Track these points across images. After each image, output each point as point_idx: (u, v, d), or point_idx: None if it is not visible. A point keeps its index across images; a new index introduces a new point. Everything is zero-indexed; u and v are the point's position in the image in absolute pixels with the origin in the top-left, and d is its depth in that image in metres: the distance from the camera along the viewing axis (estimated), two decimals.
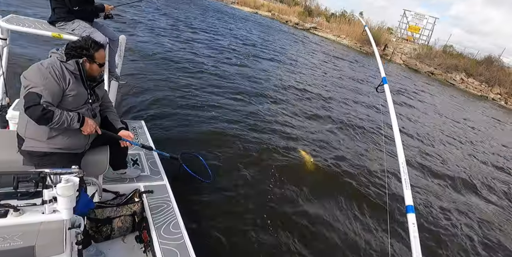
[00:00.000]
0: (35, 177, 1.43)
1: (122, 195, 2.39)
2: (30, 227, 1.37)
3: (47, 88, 1.75)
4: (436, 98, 16.33)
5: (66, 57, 1.90)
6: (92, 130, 1.96)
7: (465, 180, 6.39)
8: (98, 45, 1.99)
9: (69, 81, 1.86)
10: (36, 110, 1.70)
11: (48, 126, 1.80)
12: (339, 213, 3.83)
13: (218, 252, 2.62)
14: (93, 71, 2.00)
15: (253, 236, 2.98)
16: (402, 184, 1.75)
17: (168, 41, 10.49)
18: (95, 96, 2.11)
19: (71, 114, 1.84)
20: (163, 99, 5.48)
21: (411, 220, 1.57)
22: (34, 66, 1.82)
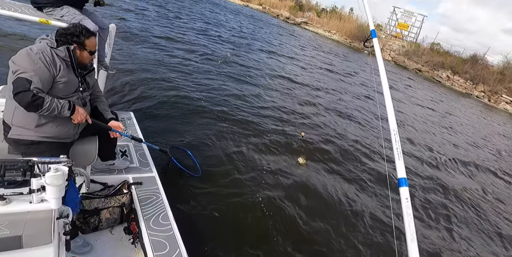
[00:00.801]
0: (23, 165, 1.40)
1: (110, 186, 2.36)
2: (17, 216, 1.35)
3: (37, 74, 1.69)
4: (420, 91, 16.79)
5: (57, 44, 1.85)
6: (82, 119, 1.92)
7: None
8: (89, 32, 1.94)
9: (60, 67, 1.81)
10: (26, 96, 1.64)
11: (38, 113, 1.75)
12: (336, 197, 3.94)
13: (208, 244, 2.64)
14: (84, 59, 1.95)
15: (242, 229, 3.02)
16: (394, 155, 1.60)
17: (159, 29, 10.33)
18: (86, 85, 2.06)
19: (62, 101, 1.79)
20: (153, 90, 5.40)
21: (404, 194, 1.48)
22: (23, 51, 1.75)
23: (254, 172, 3.95)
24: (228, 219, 3.05)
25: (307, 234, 3.23)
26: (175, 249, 1.85)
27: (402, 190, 1.48)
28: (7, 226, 1.33)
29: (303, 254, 2.94)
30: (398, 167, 1.56)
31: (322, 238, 3.24)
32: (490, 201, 5.90)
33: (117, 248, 2.08)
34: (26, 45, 1.84)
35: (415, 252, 1.33)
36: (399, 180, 1.52)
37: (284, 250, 2.91)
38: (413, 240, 1.36)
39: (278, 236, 3.06)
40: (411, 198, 1.54)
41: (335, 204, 3.88)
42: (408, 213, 1.43)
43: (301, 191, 3.92)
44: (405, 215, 1.43)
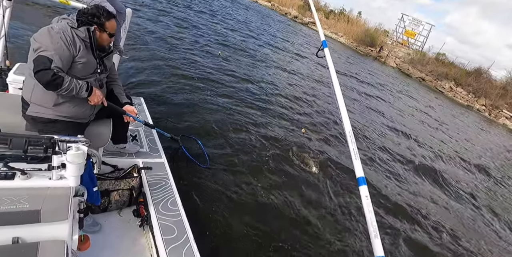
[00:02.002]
0: (46, 142, 1.42)
1: (120, 169, 2.39)
2: (37, 191, 1.37)
3: (58, 53, 1.70)
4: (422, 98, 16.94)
5: (77, 24, 1.85)
6: (98, 101, 1.94)
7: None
8: (110, 15, 1.93)
9: (79, 48, 1.81)
10: (46, 74, 1.65)
11: (56, 92, 1.76)
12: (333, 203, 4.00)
13: (213, 231, 2.70)
14: (103, 41, 1.95)
15: (246, 217, 3.10)
16: (351, 155, 1.62)
17: (171, 20, 10.31)
18: (103, 67, 2.06)
19: (80, 82, 1.81)
20: (164, 77, 5.43)
21: (364, 192, 1.49)
22: (45, 29, 1.75)
23: (259, 164, 4.03)
24: (233, 208, 3.12)
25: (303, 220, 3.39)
26: (183, 234, 1.88)
27: (361, 189, 1.50)
28: (26, 200, 1.35)
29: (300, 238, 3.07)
30: (356, 166, 1.59)
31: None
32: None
33: (125, 230, 2.11)
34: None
35: (379, 248, 1.34)
36: (358, 179, 1.55)
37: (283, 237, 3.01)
38: (376, 237, 1.37)
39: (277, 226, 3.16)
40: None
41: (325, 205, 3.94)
42: (369, 210, 1.43)
43: (300, 187, 3.99)
44: (367, 212, 1.44)
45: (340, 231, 3.51)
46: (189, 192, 2.97)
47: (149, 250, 2.00)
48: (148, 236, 2.07)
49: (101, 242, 1.94)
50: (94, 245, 1.80)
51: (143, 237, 2.08)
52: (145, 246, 2.03)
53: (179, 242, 1.81)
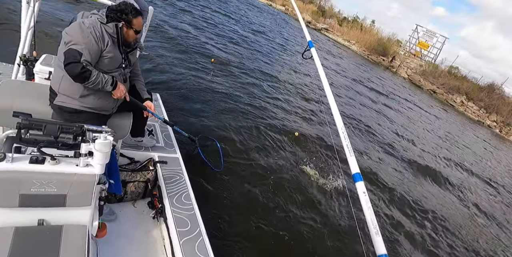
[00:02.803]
0: (77, 130, 1.49)
1: (137, 161, 2.45)
2: (65, 176, 1.43)
3: (88, 47, 1.77)
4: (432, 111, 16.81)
5: (106, 19, 1.92)
6: (121, 95, 2.01)
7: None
8: (137, 12, 2.00)
9: (107, 43, 1.88)
10: (76, 67, 1.72)
11: (83, 85, 1.83)
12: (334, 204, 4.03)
13: (223, 228, 2.76)
14: (129, 37, 2.02)
15: (254, 217, 3.17)
16: (345, 151, 1.58)
17: (189, 18, 10.53)
18: (128, 62, 2.14)
19: (106, 76, 1.87)
20: (181, 74, 5.53)
21: (361, 189, 1.44)
22: (76, 24, 1.83)
23: (273, 168, 4.09)
24: (244, 209, 3.19)
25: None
26: (196, 228, 1.93)
27: (358, 185, 1.46)
28: (55, 184, 1.41)
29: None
30: (351, 163, 1.55)
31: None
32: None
33: (139, 221, 2.16)
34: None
35: (381, 246, 1.30)
36: (354, 175, 1.50)
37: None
38: (377, 234, 1.33)
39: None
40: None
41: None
42: (368, 207, 1.39)
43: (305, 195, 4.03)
44: (366, 209, 1.39)
45: (341, 231, 3.57)
46: (201, 188, 3.03)
47: (161, 241, 2.05)
48: (161, 228, 2.12)
49: (116, 231, 1.99)
50: (110, 234, 1.85)
51: (156, 229, 2.13)
52: (158, 237, 2.08)
53: (192, 235, 1.86)
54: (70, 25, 1.87)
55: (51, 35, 4.60)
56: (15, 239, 1.33)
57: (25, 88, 2.21)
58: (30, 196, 1.37)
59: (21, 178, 1.34)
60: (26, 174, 1.35)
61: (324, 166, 4.83)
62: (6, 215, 1.38)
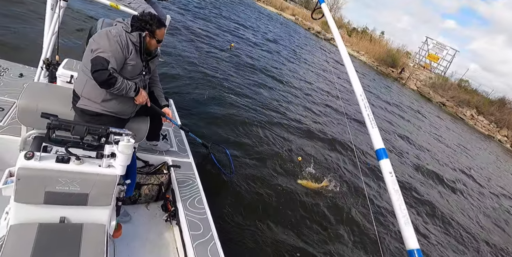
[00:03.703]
0: (102, 132, 1.56)
1: (151, 165, 2.51)
2: (88, 176, 1.49)
3: (114, 55, 1.86)
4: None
5: (131, 28, 2.02)
6: (143, 100, 2.09)
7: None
8: (161, 23, 2.09)
9: (131, 51, 1.98)
10: (103, 74, 1.81)
11: (109, 91, 1.91)
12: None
13: (234, 233, 2.78)
14: (151, 46, 2.11)
15: (266, 227, 3.22)
16: (366, 123, 1.32)
17: (201, 27, 10.77)
18: (148, 69, 2.23)
19: (130, 83, 1.96)
20: (194, 81, 5.66)
21: (386, 168, 1.19)
22: (103, 32, 1.93)
23: (284, 177, 4.12)
24: (254, 215, 3.24)
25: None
26: (208, 231, 1.96)
27: (382, 164, 1.20)
28: (78, 183, 1.47)
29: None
30: (374, 136, 1.28)
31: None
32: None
33: (152, 223, 2.21)
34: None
35: (412, 238, 1.07)
36: (377, 152, 1.24)
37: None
38: (407, 223, 1.10)
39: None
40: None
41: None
42: (395, 190, 1.15)
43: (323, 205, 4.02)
44: (392, 193, 1.15)
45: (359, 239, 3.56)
46: (213, 194, 3.07)
47: (173, 244, 2.08)
48: (173, 231, 2.16)
49: (131, 232, 2.04)
50: (124, 234, 1.90)
51: (169, 231, 2.17)
52: (170, 240, 2.11)
53: (205, 239, 1.89)
54: (98, 33, 1.96)
55: (71, 41, 4.79)
56: (38, 235, 1.38)
57: (49, 91, 2.30)
58: (55, 193, 1.43)
59: (47, 176, 1.40)
60: (53, 173, 1.42)
61: (339, 170, 4.86)
62: (31, 211, 1.44)
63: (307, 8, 46.49)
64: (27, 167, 1.37)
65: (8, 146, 2.13)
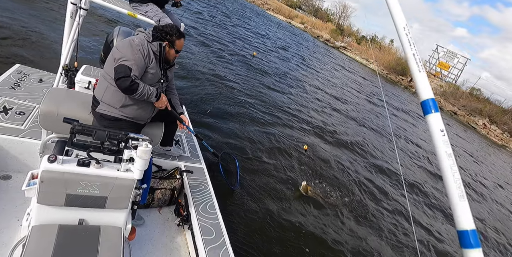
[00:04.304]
0: (122, 137, 1.61)
1: (164, 170, 2.55)
2: (107, 180, 1.53)
3: (136, 63, 1.94)
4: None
5: (152, 38, 2.10)
6: (163, 105, 2.17)
7: None
8: (181, 34, 2.17)
9: (152, 60, 2.06)
10: (126, 81, 1.89)
11: (132, 96, 1.98)
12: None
13: (245, 240, 2.79)
14: (170, 56, 2.19)
15: (272, 232, 3.21)
16: (412, 67, 1.04)
17: (215, 34, 11.04)
18: (166, 77, 2.30)
19: (152, 88, 2.03)
20: (207, 87, 5.74)
21: (436, 124, 0.91)
22: (127, 41, 2.01)
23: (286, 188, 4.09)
24: (265, 223, 3.27)
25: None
26: (220, 237, 1.98)
27: (432, 119, 0.95)
28: (98, 187, 1.52)
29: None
30: (420, 83, 1.00)
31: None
32: None
33: (164, 227, 2.23)
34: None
35: (467, 215, 0.86)
36: (424, 104, 0.98)
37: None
38: (462, 197, 0.89)
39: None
40: None
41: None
42: (447, 154, 0.91)
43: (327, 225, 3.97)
44: (443, 157, 0.90)
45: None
46: (223, 200, 3.10)
47: (185, 248, 2.10)
48: (185, 235, 2.18)
49: (144, 236, 2.07)
50: (138, 237, 1.93)
51: (181, 235, 2.19)
52: (182, 244, 2.13)
53: (217, 244, 1.91)
54: (122, 42, 2.04)
55: (87, 48, 4.97)
56: (59, 236, 1.43)
57: (69, 96, 2.38)
58: (75, 196, 1.48)
59: (69, 179, 1.45)
60: (74, 176, 1.47)
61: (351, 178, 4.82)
62: (52, 213, 1.49)
63: (316, 16, 46.88)
64: (51, 170, 1.42)
65: (29, 149, 2.21)
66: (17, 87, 2.79)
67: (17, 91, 2.72)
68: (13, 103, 2.50)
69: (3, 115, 2.32)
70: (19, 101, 2.57)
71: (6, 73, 2.95)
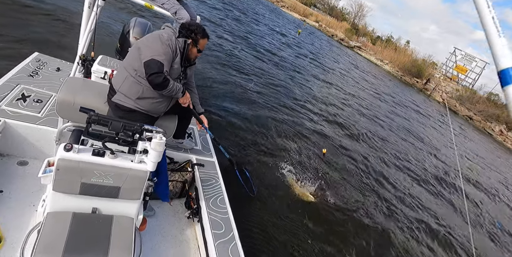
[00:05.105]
0: (137, 128, 1.61)
1: (176, 162, 2.56)
2: (121, 170, 1.54)
3: (167, 58, 1.95)
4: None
5: (178, 34, 2.09)
6: (188, 101, 2.20)
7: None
8: (205, 34, 2.16)
9: (177, 55, 2.06)
10: (159, 77, 1.89)
11: (160, 92, 1.99)
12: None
13: (255, 236, 2.79)
14: (192, 54, 2.18)
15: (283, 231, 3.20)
16: (488, 31, 0.81)
17: (228, 32, 10.92)
18: (184, 75, 2.30)
19: (179, 85, 2.05)
20: (222, 88, 5.68)
21: None
22: (156, 36, 2.00)
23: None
24: (277, 227, 3.26)
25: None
26: (230, 231, 1.98)
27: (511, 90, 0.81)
28: (112, 177, 1.52)
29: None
30: (497, 50, 0.83)
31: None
32: None
33: (175, 219, 2.25)
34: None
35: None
36: (503, 73, 0.82)
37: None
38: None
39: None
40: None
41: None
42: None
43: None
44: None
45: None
46: (233, 196, 3.10)
47: (194, 241, 2.11)
48: (195, 228, 2.19)
49: (154, 227, 2.09)
50: (148, 228, 1.94)
51: (190, 228, 2.20)
52: (191, 236, 2.14)
53: (226, 238, 1.90)
54: (151, 36, 2.03)
55: (103, 38, 5.01)
56: (73, 223, 1.45)
57: (85, 86, 2.40)
58: (90, 185, 1.49)
59: (84, 168, 1.47)
60: (89, 165, 1.48)
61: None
62: (67, 201, 1.51)
63: (331, 15, 46.23)
64: (67, 158, 1.43)
65: (45, 136, 2.25)
66: (35, 75, 2.84)
67: (35, 79, 2.76)
68: (31, 91, 2.54)
69: (22, 102, 2.36)
70: (37, 89, 2.61)
71: (25, 61, 3.00)
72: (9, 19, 4.68)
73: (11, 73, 2.68)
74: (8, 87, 2.45)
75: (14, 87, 2.49)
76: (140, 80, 1.97)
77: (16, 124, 2.15)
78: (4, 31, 4.31)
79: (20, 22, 4.78)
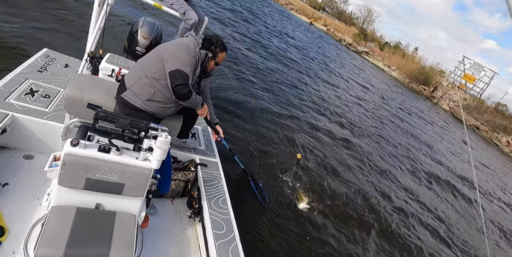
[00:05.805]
0: (143, 126, 1.63)
1: (179, 161, 2.57)
2: (126, 167, 1.54)
3: (192, 70, 1.98)
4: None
5: (200, 46, 2.10)
6: (205, 113, 2.25)
7: None
8: (224, 47, 2.18)
9: (197, 66, 2.08)
10: (184, 89, 1.92)
11: (181, 103, 2.03)
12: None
13: (255, 239, 2.79)
14: (209, 66, 2.20)
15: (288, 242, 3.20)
16: None
17: (239, 36, 11.04)
18: (198, 86, 2.32)
19: (199, 97, 2.09)
20: (234, 93, 5.68)
21: None
22: (182, 45, 2.00)
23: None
24: (279, 226, 3.27)
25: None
26: (231, 232, 1.98)
27: None
28: (117, 173, 1.53)
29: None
30: None
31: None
32: None
33: (176, 218, 2.26)
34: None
35: None
36: None
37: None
38: None
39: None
40: None
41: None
42: None
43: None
44: None
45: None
46: (235, 198, 3.10)
47: (195, 240, 2.11)
48: (196, 227, 2.19)
49: (156, 225, 2.09)
50: (150, 226, 1.95)
51: (192, 227, 2.20)
52: (192, 236, 2.15)
53: (227, 239, 1.90)
54: (177, 45, 2.02)
55: (111, 36, 5.08)
56: (76, 218, 1.46)
57: (93, 82, 2.42)
58: (94, 180, 1.51)
59: (90, 164, 1.48)
60: (94, 161, 1.49)
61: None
62: (71, 195, 1.53)
63: (339, 19, 46.21)
64: (73, 153, 1.44)
65: (52, 131, 2.27)
66: (44, 71, 2.87)
67: (43, 75, 2.80)
68: (40, 86, 2.58)
69: (30, 96, 2.39)
70: (45, 84, 2.64)
71: (34, 56, 3.04)
72: (29, 12, 4.74)
73: (20, 68, 2.72)
74: (17, 82, 2.49)
75: (23, 81, 2.53)
76: (154, 83, 1.98)
77: (23, 118, 2.18)
78: (20, 23, 4.35)
79: (39, 16, 4.85)
